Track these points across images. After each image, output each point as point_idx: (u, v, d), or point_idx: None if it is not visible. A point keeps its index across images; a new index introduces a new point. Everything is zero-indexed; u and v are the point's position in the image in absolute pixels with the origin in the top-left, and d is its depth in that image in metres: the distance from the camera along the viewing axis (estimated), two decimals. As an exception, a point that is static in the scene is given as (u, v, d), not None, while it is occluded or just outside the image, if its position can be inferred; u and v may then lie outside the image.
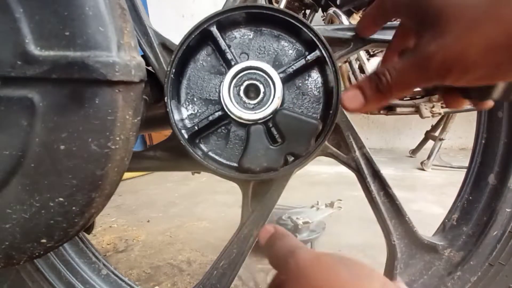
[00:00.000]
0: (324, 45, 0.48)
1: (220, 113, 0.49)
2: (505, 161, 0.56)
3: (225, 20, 0.49)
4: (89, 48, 0.34)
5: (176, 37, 0.52)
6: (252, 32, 0.51)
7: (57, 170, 0.36)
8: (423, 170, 2.55)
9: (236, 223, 0.57)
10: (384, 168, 0.54)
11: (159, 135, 2.64)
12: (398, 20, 0.44)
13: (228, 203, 1.88)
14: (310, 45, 0.49)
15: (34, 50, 0.33)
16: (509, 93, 0.36)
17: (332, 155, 0.56)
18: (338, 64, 0.49)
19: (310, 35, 0.48)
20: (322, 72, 0.50)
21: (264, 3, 0.52)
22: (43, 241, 0.39)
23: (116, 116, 0.36)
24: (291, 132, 0.48)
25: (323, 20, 1.88)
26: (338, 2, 1.70)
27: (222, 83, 0.48)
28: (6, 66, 0.33)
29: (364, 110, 0.39)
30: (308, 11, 1.88)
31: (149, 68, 0.54)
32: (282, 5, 1.63)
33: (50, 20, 0.33)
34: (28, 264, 0.61)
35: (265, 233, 0.38)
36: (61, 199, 0.37)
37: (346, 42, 0.53)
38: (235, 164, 0.50)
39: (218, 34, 0.49)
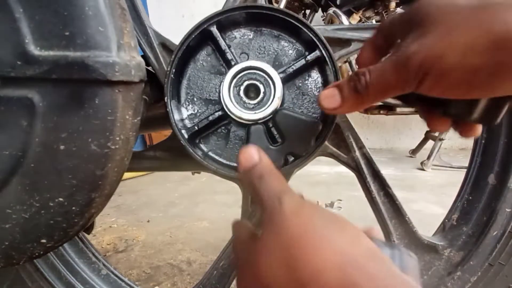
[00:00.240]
0: (324, 45, 0.48)
1: (220, 113, 0.49)
2: (505, 161, 0.56)
3: (225, 20, 0.49)
4: (89, 48, 0.34)
5: (176, 37, 0.52)
6: (252, 32, 0.51)
7: (57, 170, 0.36)
8: (423, 170, 2.55)
9: (236, 223, 0.57)
10: (384, 168, 0.54)
11: (159, 135, 2.64)
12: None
13: (228, 203, 1.88)
14: (310, 45, 0.49)
15: (34, 50, 0.33)
16: (491, 116, 0.34)
17: (332, 155, 0.56)
18: (338, 64, 0.49)
19: (310, 35, 0.48)
20: (322, 72, 0.50)
21: (264, 3, 0.52)
22: (43, 241, 0.39)
23: (116, 116, 0.36)
24: (291, 132, 0.48)
25: (323, 20, 1.88)
26: (338, 2, 1.70)
27: (222, 83, 0.48)
28: (6, 66, 0.33)
29: (342, 111, 0.37)
30: (308, 11, 1.88)
31: (149, 68, 0.54)
32: (282, 5, 1.63)
33: (50, 20, 0.33)
34: (28, 264, 0.61)
35: (247, 160, 0.34)
36: (61, 199, 0.37)
37: (346, 42, 0.53)
38: (235, 164, 0.50)
39: (218, 34, 0.49)
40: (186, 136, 0.49)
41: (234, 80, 0.49)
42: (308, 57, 0.48)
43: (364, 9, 1.88)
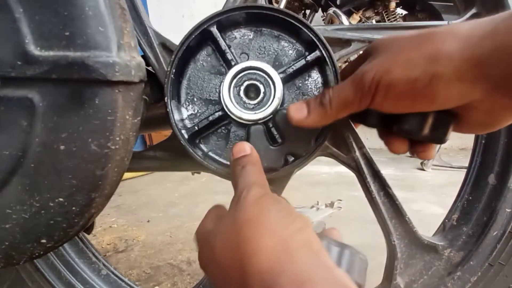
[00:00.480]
0: (324, 45, 0.48)
1: (220, 113, 0.49)
2: (505, 161, 0.56)
3: (225, 20, 0.49)
4: (89, 48, 0.34)
5: (176, 37, 0.52)
6: (252, 32, 0.51)
7: (57, 170, 0.36)
8: (423, 170, 2.55)
9: (236, 223, 0.57)
10: (384, 168, 0.54)
11: (159, 135, 2.64)
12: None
13: (228, 203, 1.88)
14: (310, 45, 0.49)
15: (34, 50, 0.33)
16: (440, 133, 0.39)
17: (332, 155, 0.55)
18: (338, 64, 0.49)
19: (310, 35, 0.48)
20: (322, 72, 0.50)
21: (264, 3, 0.52)
22: (43, 241, 0.39)
23: (116, 116, 0.36)
24: (291, 132, 0.48)
25: (323, 20, 1.88)
26: (338, 2, 1.70)
27: (222, 83, 0.48)
28: (6, 66, 0.33)
29: (308, 123, 0.42)
30: (308, 11, 1.88)
31: (149, 68, 0.54)
32: (282, 5, 1.63)
33: (50, 20, 0.33)
34: (28, 264, 0.61)
35: (239, 151, 0.40)
36: (61, 199, 0.37)
37: (346, 42, 0.53)
38: (235, 164, 0.50)
39: (218, 34, 0.49)
40: (186, 136, 0.49)
41: (234, 80, 0.49)
42: (308, 57, 0.48)
43: (364, 9, 1.88)
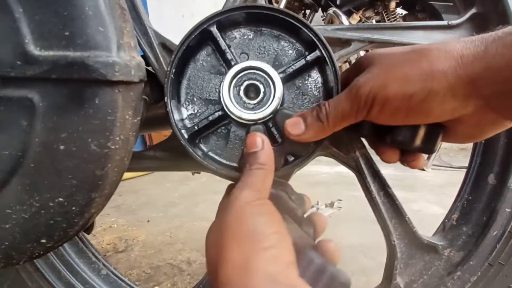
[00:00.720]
0: (324, 45, 0.47)
1: (220, 113, 0.49)
2: (505, 161, 0.56)
3: (225, 20, 0.49)
4: (89, 48, 0.34)
5: (176, 37, 0.52)
6: (252, 32, 0.51)
7: (57, 170, 0.36)
8: (423, 170, 2.55)
9: (236, 223, 0.57)
10: (384, 168, 0.54)
11: (159, 135, 2.64)
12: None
13: (228, 203, 1.88)
14: (310, 45, 0.49)
15: (34, 50, 0.33)
16: (430, 144, 0.40)
17: (332, 155, 0.56)
18: (338, 64, 0.49)
19: (310, 35, 0.48)
20: (322, 72, 0.50)
21: (264, 3, 0.52)
22: (43, 241, 0.39)
23: (116, 116, 0.36)
24: None
25: (323, 20, 1.88)
26: (338, 2, 1.70)
27: (222, 83, 0.48)
28: (6, 66, 0.33)
29: (306, 138, 0.42)
30: (308, 11, 1.88)
31: (149, 68, 0.54)
32: (282, 5, 1.63)
33: (50, 20, 0.33)
34: (28, 264, 0.61)
35: (251, 144, 0.40)
36: (61, 199, 0.37)
37: (346, 42, 0.53)
38: (235, 164, 0.50)
39: (218, 34, 0.49)
40: (186, 136, 0.49)
41: (234, 80, 0.49)
42: (308, 57, 0.48)
43: (364, 9, 1.88)
